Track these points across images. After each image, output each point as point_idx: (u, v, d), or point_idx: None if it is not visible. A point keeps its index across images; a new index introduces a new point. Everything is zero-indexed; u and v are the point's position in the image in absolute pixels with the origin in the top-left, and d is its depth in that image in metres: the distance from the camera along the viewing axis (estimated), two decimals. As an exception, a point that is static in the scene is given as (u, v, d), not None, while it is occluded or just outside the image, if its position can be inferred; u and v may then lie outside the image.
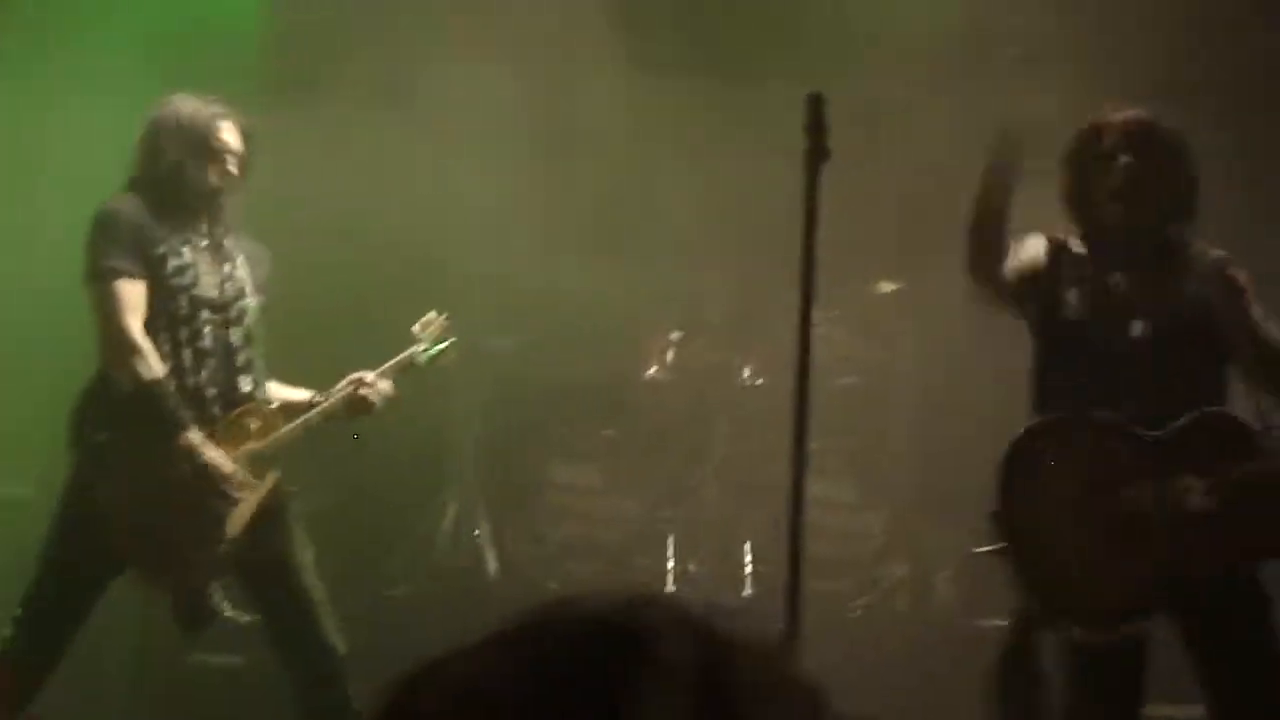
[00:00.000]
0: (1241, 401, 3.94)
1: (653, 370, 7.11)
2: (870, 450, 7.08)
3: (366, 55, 6.93)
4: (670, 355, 7.10)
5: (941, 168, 7.23)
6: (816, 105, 3.43)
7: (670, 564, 6.70)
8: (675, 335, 7.12)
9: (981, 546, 3.84)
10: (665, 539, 6.77)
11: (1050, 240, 4.04)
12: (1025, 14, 7.14)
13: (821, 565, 6.68)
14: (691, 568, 6.73)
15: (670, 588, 6.67)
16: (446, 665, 1.13)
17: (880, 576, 6.75)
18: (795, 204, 3.47)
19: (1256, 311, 3.92)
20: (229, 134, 4.55)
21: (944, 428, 6.70)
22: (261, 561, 4.51)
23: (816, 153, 3.43)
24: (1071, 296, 3.93)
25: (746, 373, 7.01)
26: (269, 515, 4.52)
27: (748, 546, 6.66)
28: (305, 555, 4.58)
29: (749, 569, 6.63)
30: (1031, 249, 4.05)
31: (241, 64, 6.52)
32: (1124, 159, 3.90)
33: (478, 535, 6.75)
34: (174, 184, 4.48)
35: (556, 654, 1.12)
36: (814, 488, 6.79)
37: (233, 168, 4.55)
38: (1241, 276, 3.94)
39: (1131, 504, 3.72)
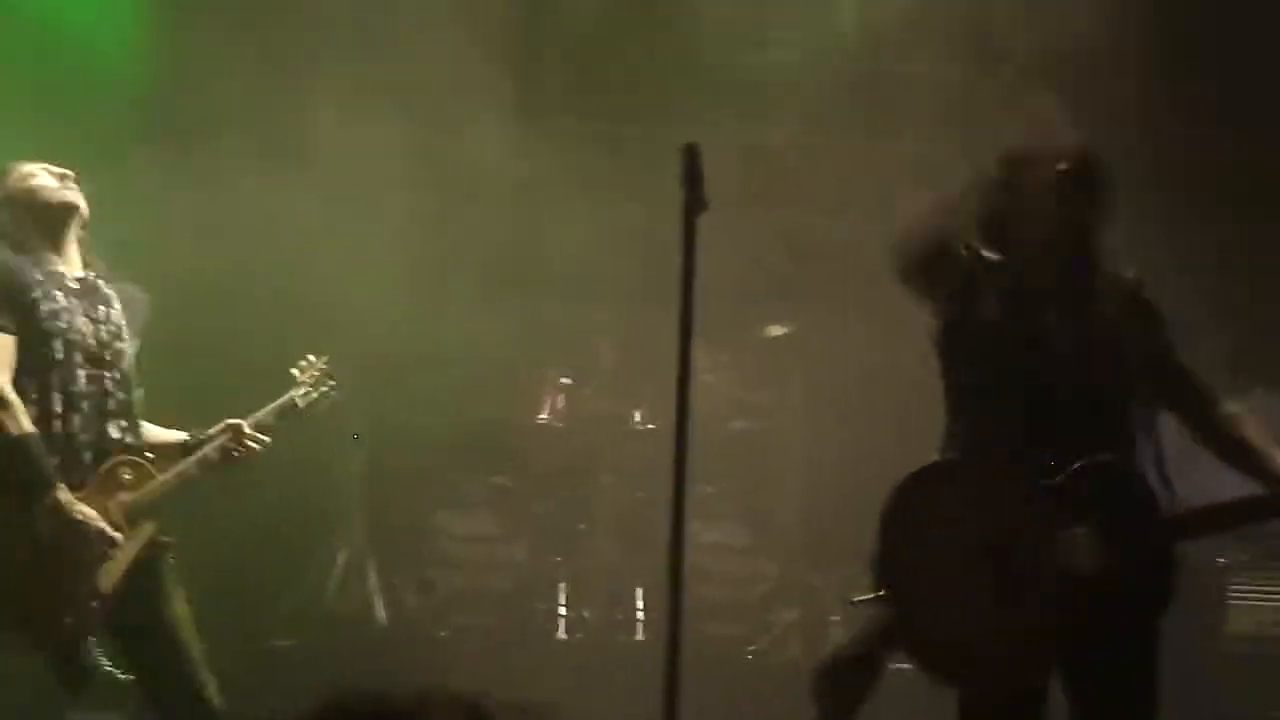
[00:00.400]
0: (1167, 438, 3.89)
1: (543, 416, 7.09)
2: (763, 494, 7.10)
3: (253, 104, 6.89)
4: (561, 400, 7.08)
5: (828, 211, 7.33)
6: (692, 156, 3.42)
7: (562, 611, 6.66)
8: (565, 380, 7.11)
9: (861, 595, 3.77)
10: (557, 586, 6.73)
11: (968, 245, 3.87)
12: (913, 61, 7.23)
13: (714, 609, 6.69)
14: (584, 614, 6.70)
15: (562, 635, 6.63)
16: None
17: (773, 621, 6.76)
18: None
19: (1169, 343, 3.83)
20: (56, 191, 4.47)
21: (836, 470, 6.73)
22: (136, 617, 4.41)
23: (693, 203, 3.42)
24: (986, 307, 3.80)
25: (637, 417, 7.01)
26: (143, 568, 4.42)
27: (639, 592, 6.64)
28: (181, 608, 4.48)
29: (640, 615, 6.61)
30: (961, 263, 3.87)
31: (123, 114, 6.46)
32: (1061, 186, 3.76)
33: (368, 584, 6.67)
34: (24, 237, 4.41)
35: None
36: (706, 532, 6.86)
37: (71, 195, 4.48)
38: (1156, 303, 3.85)
39: (1016, 554, 3.57)
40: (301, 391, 4.75)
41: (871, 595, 3.69)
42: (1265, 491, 3.67)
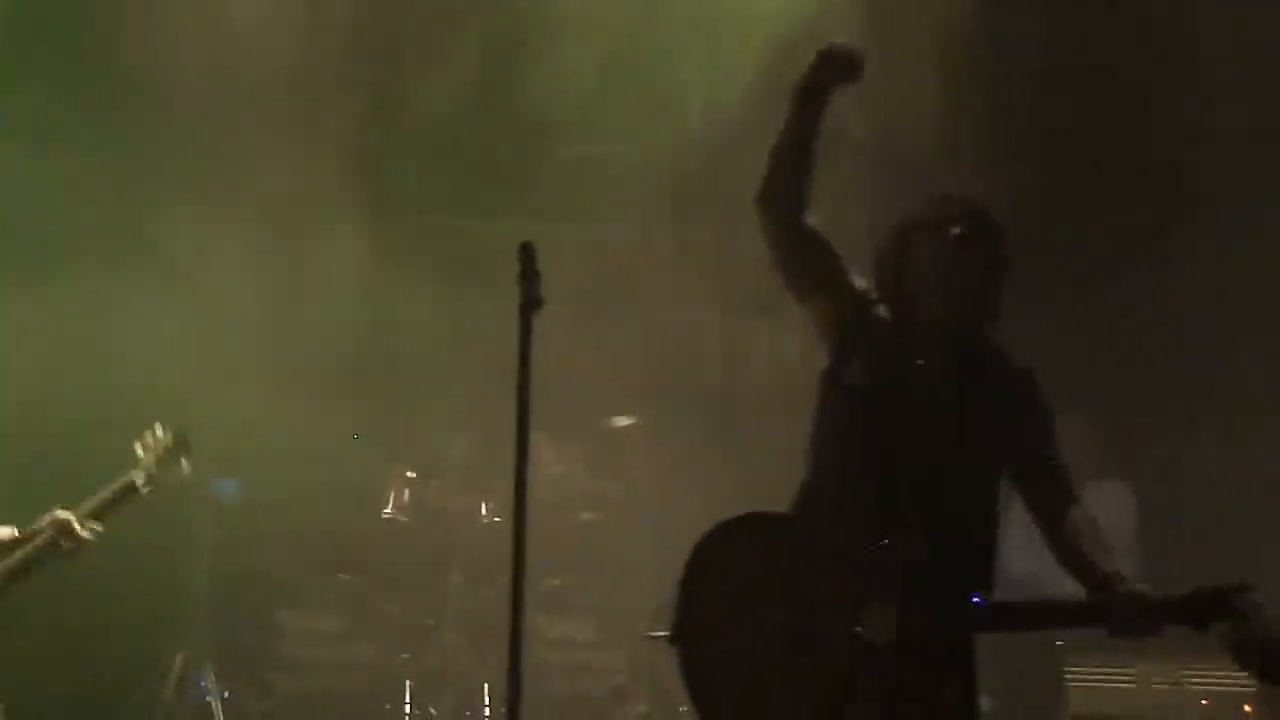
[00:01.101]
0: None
1: (389, 511, 7.01)
2: (611, 586, 7.08)
3: (104, 206, 6.84)
4: (407, 495, 7.02)
5: (671, 303, 7.41)
6: (528, 254, 3.50)
7: (408, 710, 6.57)
8: (410, 474, 7.05)
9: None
10: (404, 684, 6.64)
11: (863, 290, 3.84)
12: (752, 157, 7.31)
13: (562, 704, 6.64)
14: (431, 712, 6.60)
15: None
16: None
17: (621, 714, 6.72)
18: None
19: (1047, 438, 3.80)
20: None
21: (683, 558, 6.73)
22: None
23: (529, 302, 3.48)
24: (861, 363, 3.76)
25: (484, 511, 6.98)
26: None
27: (486, 689, 6.58)
28: None
29: (488, 712, 6.54)
30: (846, 272, 3.84)
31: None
32: (958, 251, 3.72)
33: (204, 687, 6.51)
34: None
35: None
36: (553, 627, 6.82)
37: None
38: (1044, 396, 3.82)
39: (813, 615, 3.53)
40: (142, 476, 4.64)
41: (661, 634, 3.68)
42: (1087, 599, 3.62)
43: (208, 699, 6.50)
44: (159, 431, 4.74)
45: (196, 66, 6.99)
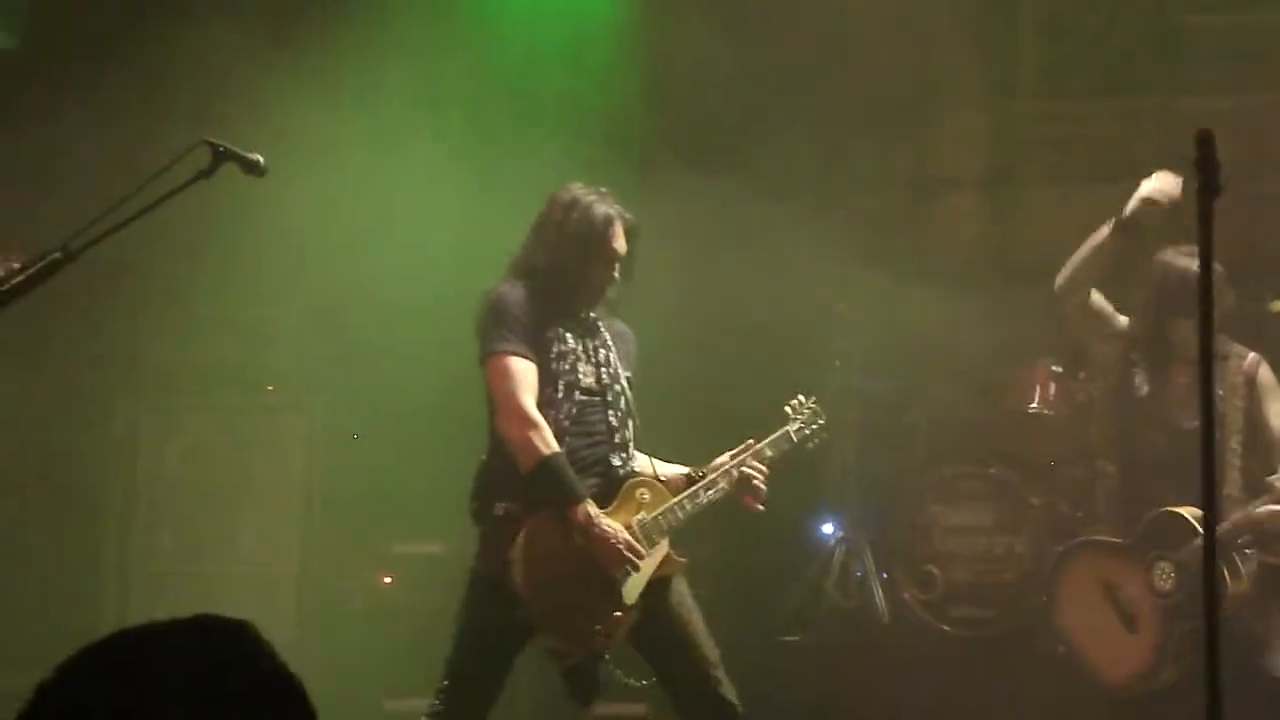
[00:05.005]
0: None
1: (1035, 405, 6.95)
2: None
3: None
4: (1052, 390, 6.96)
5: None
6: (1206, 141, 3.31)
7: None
8: (1056, 369, 6.97)
9: None
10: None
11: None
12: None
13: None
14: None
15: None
16: None
17: None
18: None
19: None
20: (619, 238, 4.73)
21: None
22: (656, 630, 4.64)
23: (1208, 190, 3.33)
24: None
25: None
26: (661, 584, 4.65)
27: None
28: (697, 620, 4.70)
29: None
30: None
31: None
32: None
33: (868, 579, 6.80)
34: (559, 281, 4.69)
35: None
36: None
37: (616, 272, 4.75)
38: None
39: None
40: (795, 427, 4.90)
41: None
42: None
43: (870, 588, 6.78)
44: (804, 398, 4.96)
45: None
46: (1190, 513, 4.95)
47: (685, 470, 4.82)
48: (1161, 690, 4.98)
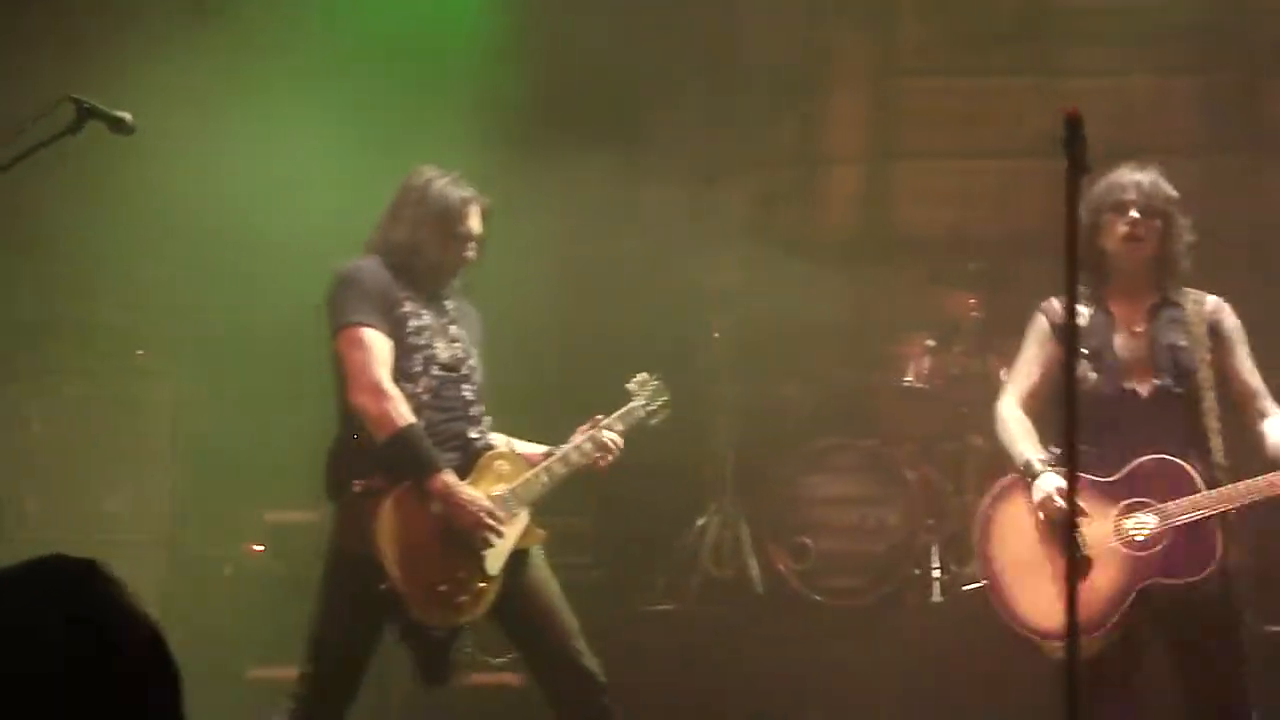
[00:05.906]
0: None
1: (909, 378, 7.05)
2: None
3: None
4: (926, 363, 7.05)
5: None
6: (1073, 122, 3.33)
7: (936, 574, 6.66)
8: (930, 343, 7.06)
9: None
10: (930, 549, 6.73)
11: None
12: None
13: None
14: (955, 571, 6.68)
15: (937, 597, 6.63)
16: None
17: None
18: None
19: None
20: (475, 219, 4.70)
21: None
22: (517, 600, 4.60)
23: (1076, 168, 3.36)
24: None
25: (1003, 376, 6.91)
26: (521, 555, 4.62)
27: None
28: (556, 590, 4.68)
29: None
30: None
31: None
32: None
33: (742, 549, 6.84)
34: (416, 258, 4.64)
35: None
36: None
37: (471, 252, 4.72)
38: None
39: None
40: (640, 403, 4.90)
41: None
42: None
43: (745, 558, 6.83)
44: (645, 375, 4.96)
45: None
46: (1189, 467, 4.44)
47: (543, 449, 4.79)
48: (1091, 656, 4.27)
